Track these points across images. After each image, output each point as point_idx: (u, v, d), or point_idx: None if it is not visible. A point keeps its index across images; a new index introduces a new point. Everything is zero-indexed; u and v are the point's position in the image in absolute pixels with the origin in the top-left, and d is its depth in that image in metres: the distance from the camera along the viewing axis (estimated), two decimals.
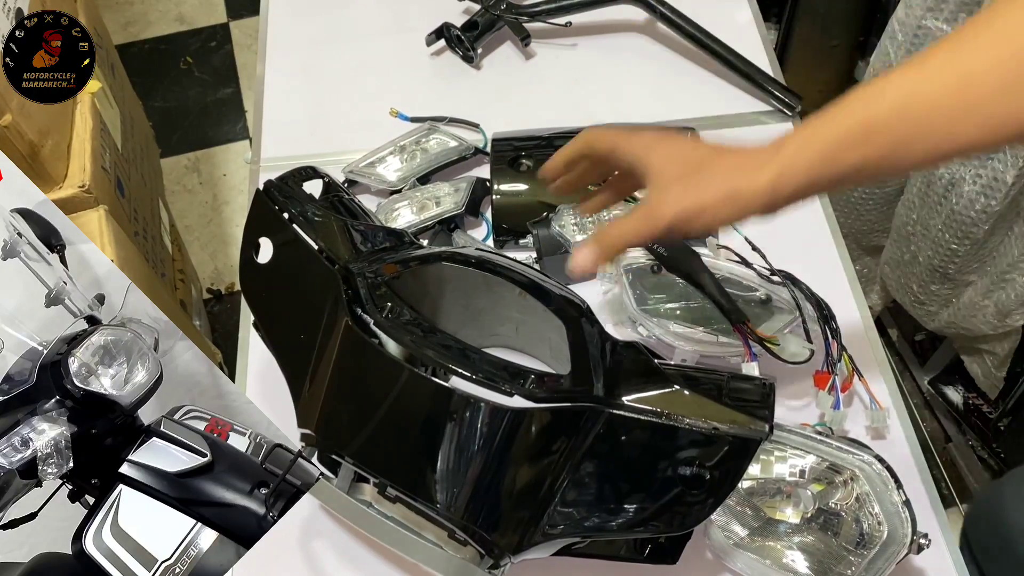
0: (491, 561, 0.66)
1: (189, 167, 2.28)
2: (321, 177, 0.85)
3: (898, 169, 0.53)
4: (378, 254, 0.79)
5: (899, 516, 0.71)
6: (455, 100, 1.16)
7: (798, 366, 0.85)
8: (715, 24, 1.16)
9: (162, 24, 2.58)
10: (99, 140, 1.24)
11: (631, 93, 1.18)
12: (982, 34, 0.48)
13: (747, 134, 1.11)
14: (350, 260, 0.76)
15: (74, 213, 1.12)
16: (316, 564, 0.83)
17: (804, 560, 0.75)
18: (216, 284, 2.06)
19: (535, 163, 1.02)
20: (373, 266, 0.76)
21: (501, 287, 0.77)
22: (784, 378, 0.87)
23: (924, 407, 1.80)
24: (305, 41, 1.29)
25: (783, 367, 0.82)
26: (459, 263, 0.76)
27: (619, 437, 0.67)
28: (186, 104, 2.41)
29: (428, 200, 1.01)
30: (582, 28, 1.23)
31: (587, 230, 0.95)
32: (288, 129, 1.18)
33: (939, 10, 1.27)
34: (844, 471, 0.76)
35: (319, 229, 0.78)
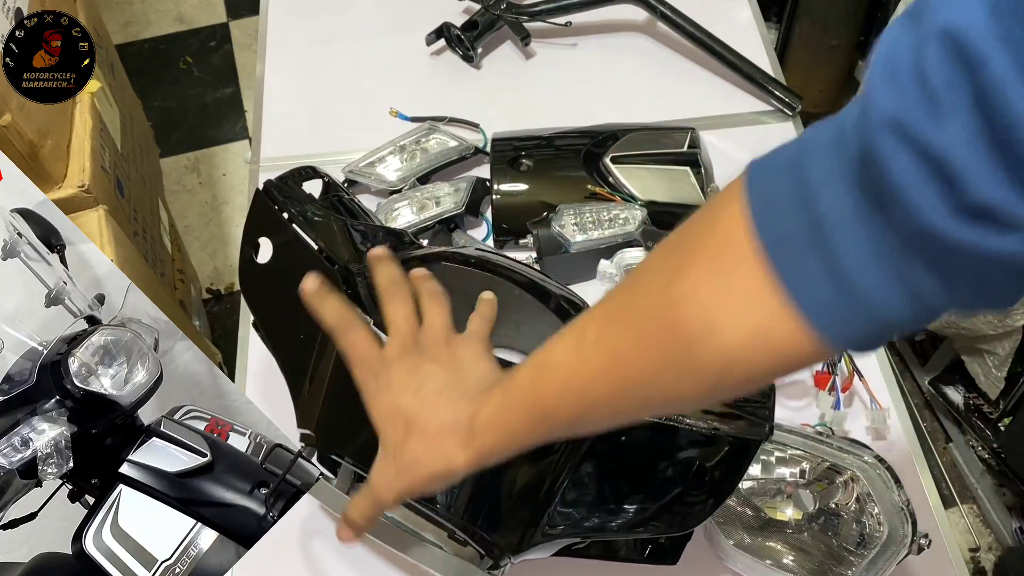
0: (491, 562, 0.66)
1: (189, 167, 2.28)
2: (321, 177, 0.85)
3: (588, 430, 0.58)
4: None
5: (899, 516, 0.71)
6: (455, 100, 1.16)
7: None
8: (715, 24, 1.16)
9: (162, 24, 2.58)
10: (99, 140, 1.24)
11: (631, 93, 1.18)
12: (626, 312, 0.47)
13: (747, 134, 1.11)
14: (350, 260, 0.76)
15: (73, 213, 1.12)
16: (316, 564, 0.83)
17: (804, 560, 0.75)
18: (216, 284, 2.06)
19: (535, 163, 1.02)
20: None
21: (500, 287, 0.77)
22: (784, 378, 0.87)
23: (924, 407, 1.80)
24: (305, 41, 1.29)
25: None
26: (459, 263, 0.76)
27: (619, 437, 0.67)
28: (186, 104, 2.41)
29: (428, 200, 1.01)
30: (582, 28, 1.23)
31: (587, 230, 0.95)
32: (288, 129, 1.18)
33: None
34: (844, 471, 0.76)
35: (319, 229, 0.78)
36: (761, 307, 0.40)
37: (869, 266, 0.37)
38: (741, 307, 0.41)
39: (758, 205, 0.41)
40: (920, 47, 0.33)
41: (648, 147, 1.01)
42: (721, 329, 0.42)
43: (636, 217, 0.95)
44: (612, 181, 0.99)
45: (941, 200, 0.33)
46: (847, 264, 0.38)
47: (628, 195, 0.98)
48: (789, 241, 0.39)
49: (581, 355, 0.49)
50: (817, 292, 0.39)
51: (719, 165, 1.04)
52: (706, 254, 0.43)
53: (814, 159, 0.39)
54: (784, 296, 0.40)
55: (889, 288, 0.38)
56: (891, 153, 0.34)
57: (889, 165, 0.34)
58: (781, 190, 0.40)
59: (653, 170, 1.00)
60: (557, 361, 0.50)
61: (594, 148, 1.02)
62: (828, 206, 0.38)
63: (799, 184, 0.39)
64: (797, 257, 0.39)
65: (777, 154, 0.42)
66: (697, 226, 0.45)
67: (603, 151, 1.01)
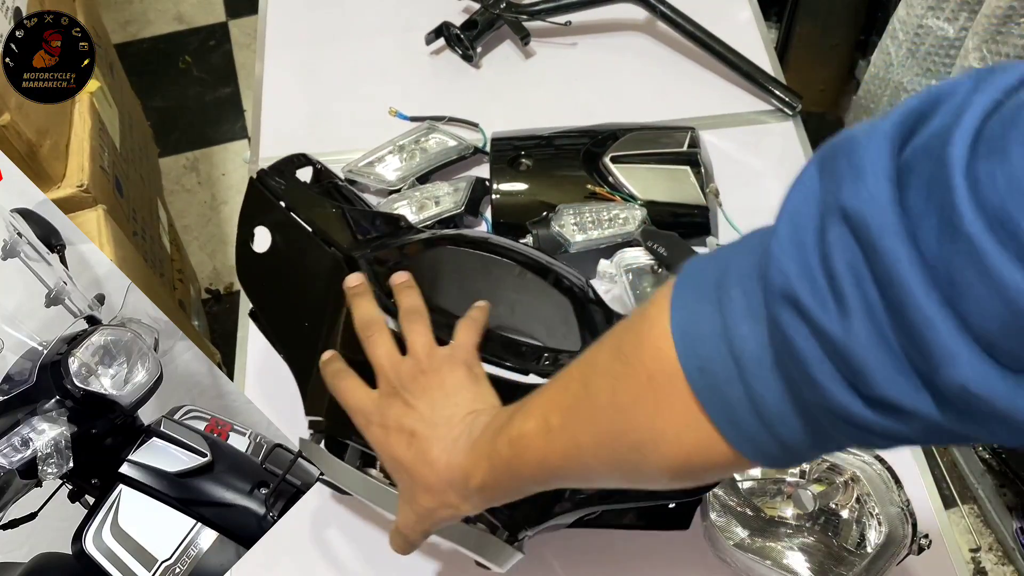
0: (506, 533, 0.66)
1: (188, 167, 2.28)
2: (313, 164, 0.85)
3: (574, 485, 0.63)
4: (378, 240, 0.79)
5: (900, 517, 0.71)
6: (455, 99, 1.16)
7: None
8: (715, 23, 1.16)
9: (161, 23, 2.58)
10: (98, 140, 1.24)
11: (631, 92, 1.18)
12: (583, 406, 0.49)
13: (747, 134, 1.11)
14: (350, 246, 0.76)
15: (72, 213, 1.12)
16: (316, 564, 0.83)
17: (804, 561, 0.75)
18: (215, 284, 2.06)
19: (535, 163, 1.02)
20: (374, 252, 0.76)
21: (499, 267, 0.77)
22: None
23: None
24: (304, 40, 1.28)
25: None
26: (459, 245, 0.76)
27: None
28: (185, 103, 2.41)
29: (428, 200, 1.01)
30: (582, 27, 1.23)
31: (587, 230, 0.95)
32: (287, 128, 1.18)
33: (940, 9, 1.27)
34: (845, 472, 0.76)
35: (317, 215, 0.78)
36: (695, 433, 0.41)
37: (786, 414, 0.38)
38: (676, 431, 0.42)
39: (682, 333, 0.41)
40: (824, 223, 0.33)
41: (648, 147, 1.01)
42: (662, 444, 0.43)
43: (636, 217, 0.95)
44: (612, 181, 0.99)
45: (846, 387, 0.34)
46: (768, 405, 0.38)
47: (628, 195, 0.98)
48: (713, 375, 0.39)
49: (549, 439, 0.50)
50: (743, 428, 0.40)
51: (719, 165, 1.04)
52: (641, 372, 0.43)
53: (734, 289, 0.39)
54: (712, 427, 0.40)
55: (806, 433, 0.38)
56: (793, 331, 0.34)
57: (792, 339, 0.34)
58: (705, 318, 0.40)
59: (653, 170, 1.00)
60: (528, 440, 0.52)
61: (594, 148, 1.02)
62: (747, 347, 0.38)
63: (721, 316, 0.39)
64: (721, 390, 0.39)
65: (705, 270, 0.42)
66: (633, 336, 0.45)
67: (603, 151, 1.01)
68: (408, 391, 0.62)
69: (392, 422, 0.62)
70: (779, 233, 0.35)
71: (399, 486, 0.63)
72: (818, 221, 0.33)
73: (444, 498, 0.59)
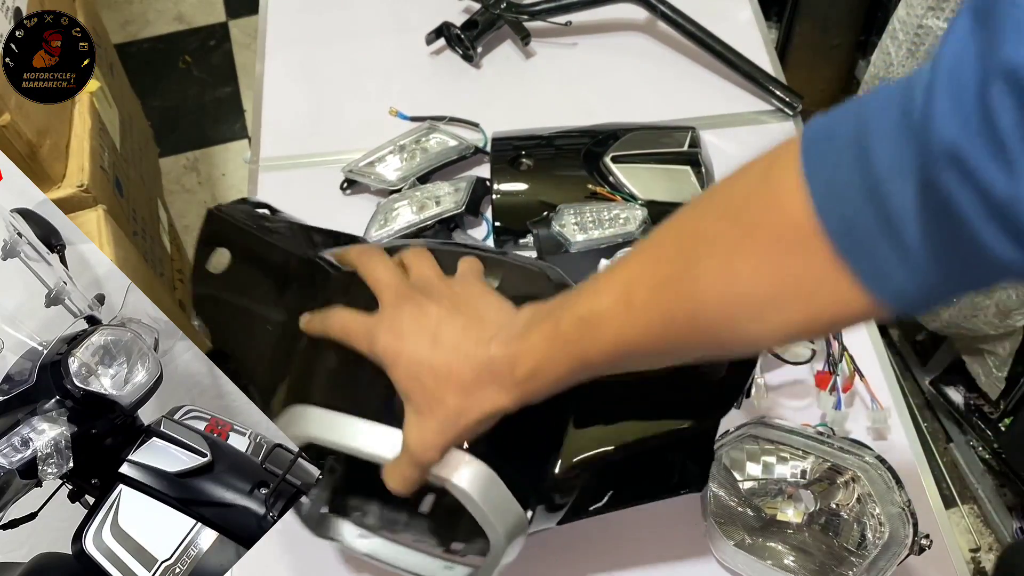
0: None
1: (188, 167, 2.28)
2: (267, 207, 0.85)
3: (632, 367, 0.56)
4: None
5: (900, 517, 0.71)
6: (455, 99, 1.16)
7: (799, 366, 0.85)
8: (716, 23, 1.16)
9: (161, 23, 2.58)
10: (98, 140, 1.23)
11: (631, 92, 1.17)
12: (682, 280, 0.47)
13: (748, 134, 1.11)
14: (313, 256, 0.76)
15: (72, 213, 1.12)
16: (316, 564, 0.83)
17: (805, 561, 0.75)
18: None
19: (535, 162, 1.02)
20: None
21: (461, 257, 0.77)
22: (786, 378, 0.87)
23: (925, 407, 1.79)
24: (304, 40, 1.28)
25: (785, 367, 0.82)
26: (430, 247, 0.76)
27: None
28: (185, 103, 2.41)
29: (428, 200, 1.01)
30: (582, 27, 1.23)
31: (587, 230, 0.95)
32: (287, 128, 1.18)
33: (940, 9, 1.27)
34: (845, 472, 0.76)
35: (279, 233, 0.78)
36: (831, 288, 0.41)
37: (940, 262, 0.37)
38: (810, 289, 0.41)
39: (820, 190, 0.40)
40: (986, 79, 0.31)
41: (649, 146, 1.01)
42: (787, 305, 0.42)
43: (637, 217, 0.95)
44: (612, 180, 0.99)
45: (1013, 245, 0.33)
46: (919, 259, 0.38)
47: (628, 195, 0.98)
48: (859, 230, 0.39)
49: (632, 315, 0.48)
50: (892, 281, 0.39)
51: (719, 164, 1.04)
52: (767, 233, 0.42)
53: (879, 145, 0.38)
54: (854, 280, 0.40)
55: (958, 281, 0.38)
56: (956, 190, 0.34)
57: (955, 199, 0.34)
58: (845, 175, 0.39)
59: (654, 169, 1.00)
60: (606, 317, 0.50)
61: (594, 147, 1.02)
62: (898, 204, 0.37)
63: (865, 174, 0.38)
64: (869, 247, 0.39)
65: (835, 126, 0.41)
66: (755, 198, 0.44)
67: (603, 150, 1.01)
68: (423, 295, 0.59)
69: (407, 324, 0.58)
70: (937, 90, 0.34)
71: (414, 401, 0.58)
72: (980, 75, 0.32)
73: (482, 394, 0.55)
